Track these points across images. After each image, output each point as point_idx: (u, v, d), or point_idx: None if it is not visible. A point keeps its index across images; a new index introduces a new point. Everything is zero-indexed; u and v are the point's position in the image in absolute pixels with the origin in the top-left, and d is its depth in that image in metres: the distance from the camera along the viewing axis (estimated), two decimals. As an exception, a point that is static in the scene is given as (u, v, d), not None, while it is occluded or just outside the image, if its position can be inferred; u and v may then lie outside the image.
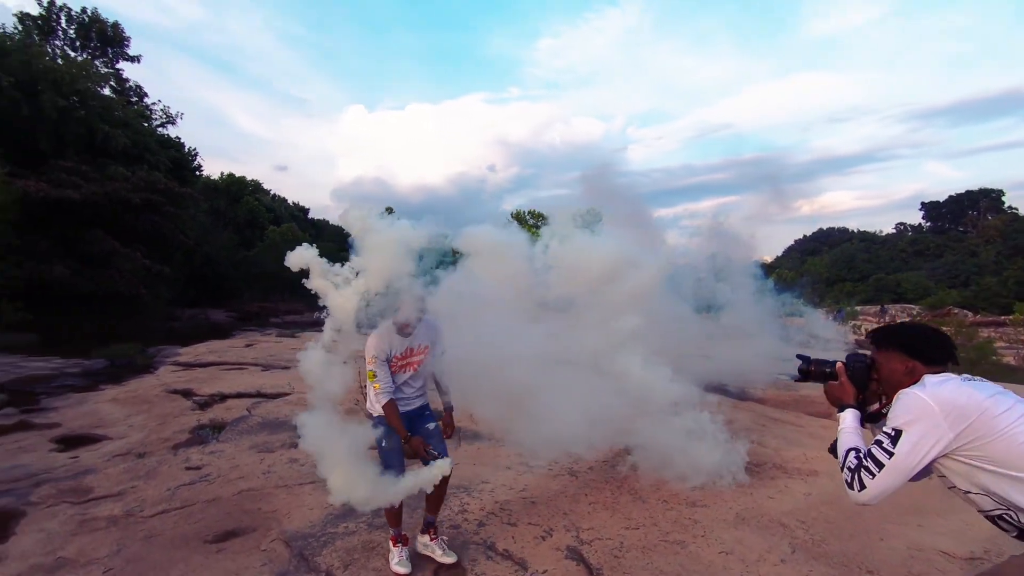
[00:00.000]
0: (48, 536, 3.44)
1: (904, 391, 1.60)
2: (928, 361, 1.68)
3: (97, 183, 22.86)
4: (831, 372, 1.87)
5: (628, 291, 4.88)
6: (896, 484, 1.55)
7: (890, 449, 1.54)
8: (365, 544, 3.31)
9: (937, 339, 1.74)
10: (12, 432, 6.15)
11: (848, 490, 1.60)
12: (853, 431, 1.73)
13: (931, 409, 1.53)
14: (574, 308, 5.05)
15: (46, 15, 29.56)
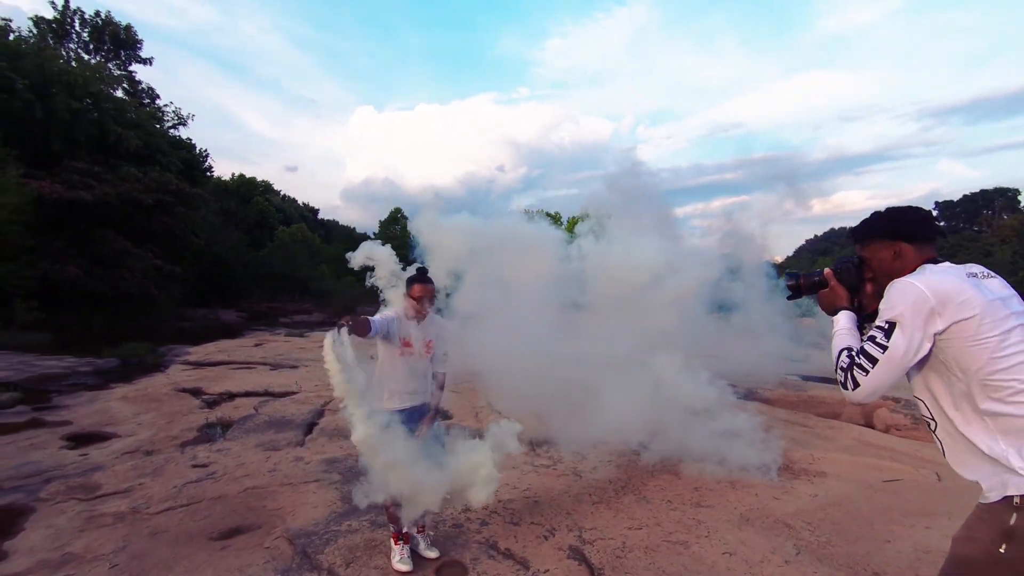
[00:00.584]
0: (56, 532, 3.47)
1: (897, 280, 1.52)
2: (912, 238, 1.60)
3: (109, 184, 23.13)
4: (820, 280, 1.80)
5: (669, 296, 4.97)
6: (890, 379, 1.48)
7: (883, 343, 1.47)
8: (368, 542, 3.31)
9: (915, 214, 1.65)
10: (24, 429, 6.23)
11: (842, 390, 1.54)
12: (847, 332, 1.66)
13: (925, 298, 1.44)
14: (608, 309, 5.08)
15: (60, 18, 29.97)
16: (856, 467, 4.67)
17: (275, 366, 11.09)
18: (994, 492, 1.42)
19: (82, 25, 30.74)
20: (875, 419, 7.18)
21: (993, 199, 63.01)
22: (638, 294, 4.93)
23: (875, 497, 4.05)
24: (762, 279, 10.68)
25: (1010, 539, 1.36)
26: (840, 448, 5.24)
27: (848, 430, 6.01)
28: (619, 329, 5.06)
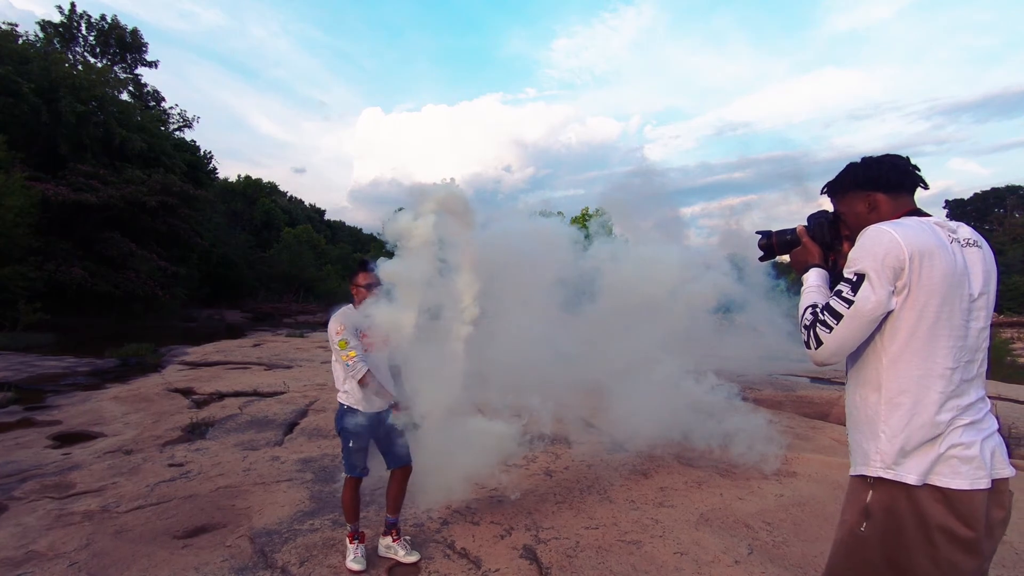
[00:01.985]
0: (23, 530, 3.54)
1: (870, 227, 1.40)
2: (888, 187, 1.49)
3: (114, 186, 23.41)
4: (792, 239, 1.69)
5: (686, 306, 5.08)
6: (856, 337, 1.37)
7: (849, 297, 1.36)
8: (326, 541, 3.34)
9: (890, 160, 1.52)
10: (13, 429, 6.33)
11: (806, 349, 1.44)
12: (815, 289, 1.55)
13: (898, 247, 1.32)
14: (625, 317, 5.16)
15: (67, 23, 30.38)
16: (828, 467, 4.65)
17: (270, 366, 11.18)
18: (856, 466, 1.43)
19: (88, 29, 31.15)
20: (861, 419, 7.13)
21: (1005, 197, 62.23)
22: (656, 304, 5.06)
23: (842, 497, 4.01)
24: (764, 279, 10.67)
25: (868, 517, 1.37)
26: (816, 448, 5.22)
27: (829, 430, 5.98)
28: (633, 333, 5.19)
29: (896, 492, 1.33)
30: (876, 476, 1.36)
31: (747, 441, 4.84)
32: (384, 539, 3.19)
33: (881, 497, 1.35)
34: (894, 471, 1.33)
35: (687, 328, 5.36)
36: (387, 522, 3.20)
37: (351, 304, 3.21)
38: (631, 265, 5.05)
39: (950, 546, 1.30)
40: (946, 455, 1.31)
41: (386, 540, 3.18)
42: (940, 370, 1.33)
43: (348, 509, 3.13)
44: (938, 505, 1.30)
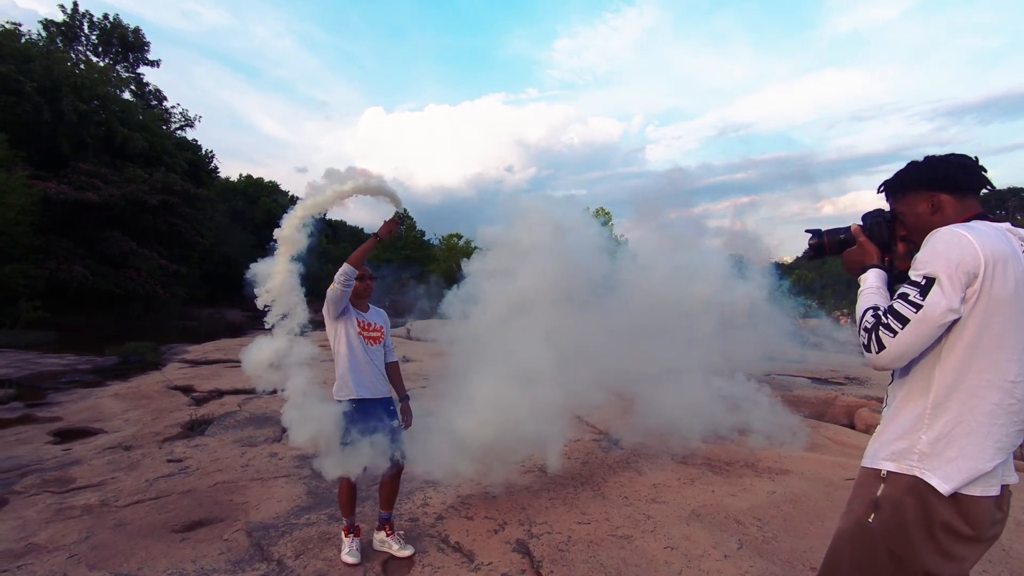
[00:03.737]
0: (23, 523, 3.58)
1: (942, 229, 1.34)
2: (955, 188, 1.43)
3: (116, 185, 23.47)
4: (846, 238, 1.62)
5: (719, 316, 5.37)
6: (921, 343, 1.32)
7: (917, 301, 1.30)
8: (322, 535, 3.39)
9: (957, 160, 1.45)
10: (14, 425, 6.39)
11: (865, 353, 1.39)
12: (875, 291, 1.49)
13: (974, 253, 1.27)
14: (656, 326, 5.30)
15: (70, 22, 30.45)
16: (821, 465, 4.68)
17: (269, 364, 11.21)
18: (872, 459, 1.46)
19: (91, 28, 31.24)
20: (856, 419, 7.17)
21: (1007, 199, 62.11)
22: (690, 314, 5.24)
23: (833, 494, 4.06)
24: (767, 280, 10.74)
25: (876, 510, 1.41)
26: (810, 446, 5.25)
27: (823, 429, 6.02)
28: (662, 341, 5.36)
29: (908, 488, 1.37)
30: (891, 471, 1.39)
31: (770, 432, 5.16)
32: (378, 534, 3.23)
33: (892, 491, 1.39)
34: (919, 469, 1.35)
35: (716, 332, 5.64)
36: (380, 517, 3.25)
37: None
38: (666, 274, 5.19)
39: (950, 540, 1.34)
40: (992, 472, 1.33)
41: (380, 535, 3.22)
42: (999, 382, 1.31)
43: (344, 504, 3.17)
44: (947, 506, 1.33)
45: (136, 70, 33.21)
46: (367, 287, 3.30)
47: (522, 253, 3.80)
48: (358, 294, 3.25)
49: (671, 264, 5.31)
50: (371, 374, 3.22)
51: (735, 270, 5.67)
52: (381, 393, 3.26)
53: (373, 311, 3.39)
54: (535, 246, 3.82)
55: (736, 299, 5.35)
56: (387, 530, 3.21)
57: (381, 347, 3.33)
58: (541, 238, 3.84)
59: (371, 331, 3.28)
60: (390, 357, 3.41)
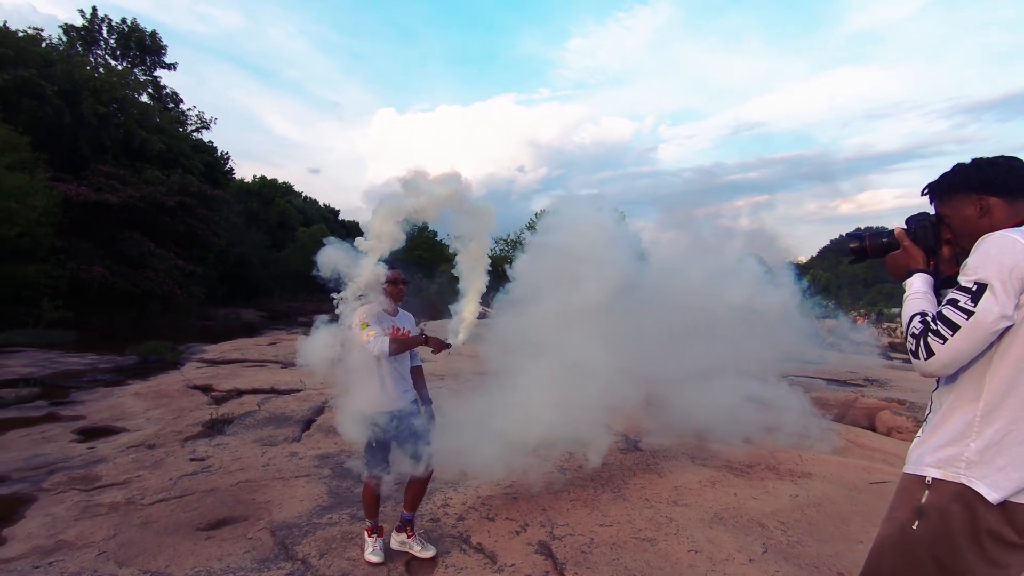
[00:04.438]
0: (53, 520, 3.65)
1: (995, 233, 1.32)
2: (1005, 191, 1.40)
3: (134, 187, 23.79)
4: (890, 241, 1.58)
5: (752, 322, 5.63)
6: (972, 350, 1.29)
7: (968, 307, 1.27)
8: (344, 535, 3.41)
9: (1006, 162, 1.42)
10: (40, 423, 6.51)
11: (913, 360, 1.37)
12: (922, 296, 1.45)
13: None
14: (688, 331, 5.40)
15: (89, 26, 30.93)
16: (844, 468, 4.63)
17: (286, 364, 11.30)
18: (917, 465, 1.43)
19: (109, 32, 31.69)
20: (877, 421, 7.07)
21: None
22: (722, 319, 5.39)
23: (858, 498, 4.01)
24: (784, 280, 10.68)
25: (921, 516, 1.39)
26: (832, 449, 5.19)
27: (844, 432, 5.94)
28: (692, 343, 5.39)
29: (954, 496, 1.34)
30: (937, 478, 1.37)
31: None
32: (398, 535, 3.20)
33: (937, 498, 1.36)
34: (966, 476, 1.33)
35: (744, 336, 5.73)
36: (402, 518, 3.21)
37: (378, 303, 3.19)
38: (699, 278, 5.23)
39: (997, 548, 1.32)
40: None
41: (400, 536, 3.19)
42: None
43: (368, 505, 3.18)
44: (995, 514, 1.31)
45: (153, 73, 33.63)
46: (400, 292, 3.24)
47: (576, 260, 3.88)
48: (391, 297, 3.20)
49: (703, 269, 5.35)
50: (395, 384, 3.16)
51: (767, 275, 5.69)
52: (407, 399, 3.22)
53: (402, 315, 3.32)
54: (589, 254, 3.93)
55: (768, 304, 5.36)
56: (408, 531, 3.18)
57: (407, 353, 3.27)
58: (595, 246, 3.94)
59: (399, 336, 3.20)
60: (415, 361, 3.38)
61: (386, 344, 2.94)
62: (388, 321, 3.16)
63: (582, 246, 3.91)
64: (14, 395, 7.77)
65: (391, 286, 3.17)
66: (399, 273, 3.22)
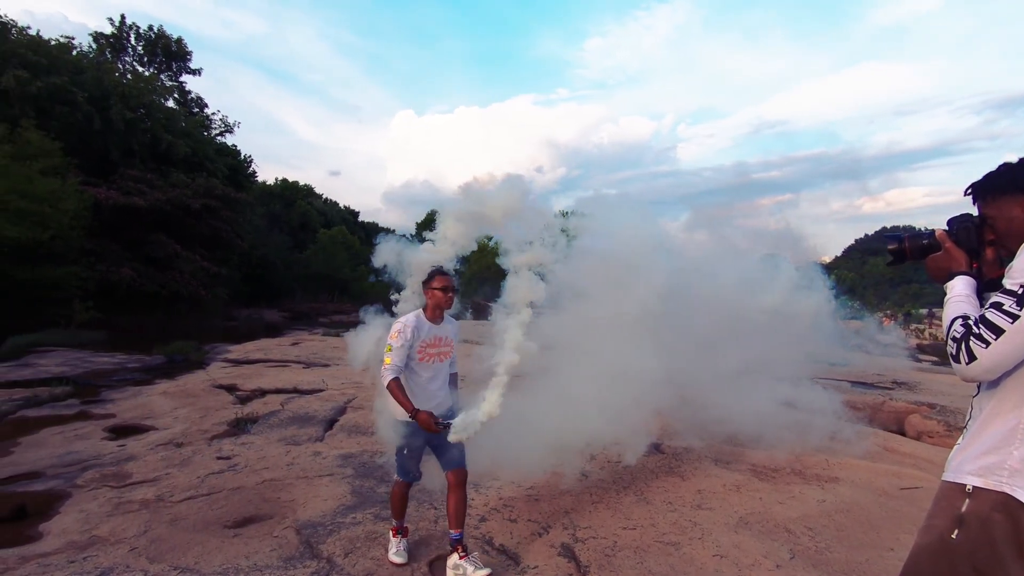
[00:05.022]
0: (86, 516, 3.74)
1: None
2: None
3: (161, 190, 24.32)
4: (930, 243, 1.55)
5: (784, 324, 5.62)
6: (1017, 354, 1.26)
7: (1014, 311, 1.24)
8: (368, 534, 3.44)
9: None
10: (72, 421, 6.69)
11: (954, 364, 1.34)
12: (964, 299, 1.42)
13: None
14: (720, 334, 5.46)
15: (117, 34, 31.73)
16: (873, 473, 4.54)
17: (308, 364, 11.47)
18: (956, 473, 1.40)
19: (137, 39, 32.44)
20: (907, 425, 6.91)
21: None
22: (757, 323, 5.44)
23: (888, 504, 3.93)
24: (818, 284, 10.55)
25: (961, 525, 1.36)
26: (860, 454, 5.08)
27: (873, 436, 5.81)
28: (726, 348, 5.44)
29: (996, 505, 1.31)
30: (978, 486, 1.34)
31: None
32: (451, 557, 2.96)
33: (979, 507, 1.34)
34: (1009, 485, 1.30)
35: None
36: (451, 539, 2.98)
37: (422, 309, 3.11)
38: (732, 282, 5.24)
39: None
40: None
41: (453, 558, 2.94)
42: None
43: (395, 507, 3.17)
44: None
45: (179, 79, 34.34)
46: (450, 300, 3.09)
47: (624, 266, 3.99)
48: (439, 305, 3.08)
49: (736, 272, 5.35)
50: (428, 396, 3.05)
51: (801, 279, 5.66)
52: (443, 408, 3.10)
53: (447, 321, 3.18)
54: (636, 260, 4.02)
55: (801, 309, 5.34)
56: (459, 551, 2.93)
57: (448, 362, 3.18)
58: (641, 253, 4.06)
59: (441, 346, 3.11)
60: (452, 368, 3.28)
61: (388, 380, 2.89)
62: (428, 331, 3.05)
63: (628, 252, 3.97)
64: (48, 393, 7.99)
65: (440, 292, 3.05)
66: (448, 279, 3.09)
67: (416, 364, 3.04)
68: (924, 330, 24.26)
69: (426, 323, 3.06)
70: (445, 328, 3.15)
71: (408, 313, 3.15)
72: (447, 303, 3.10)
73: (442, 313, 3.13)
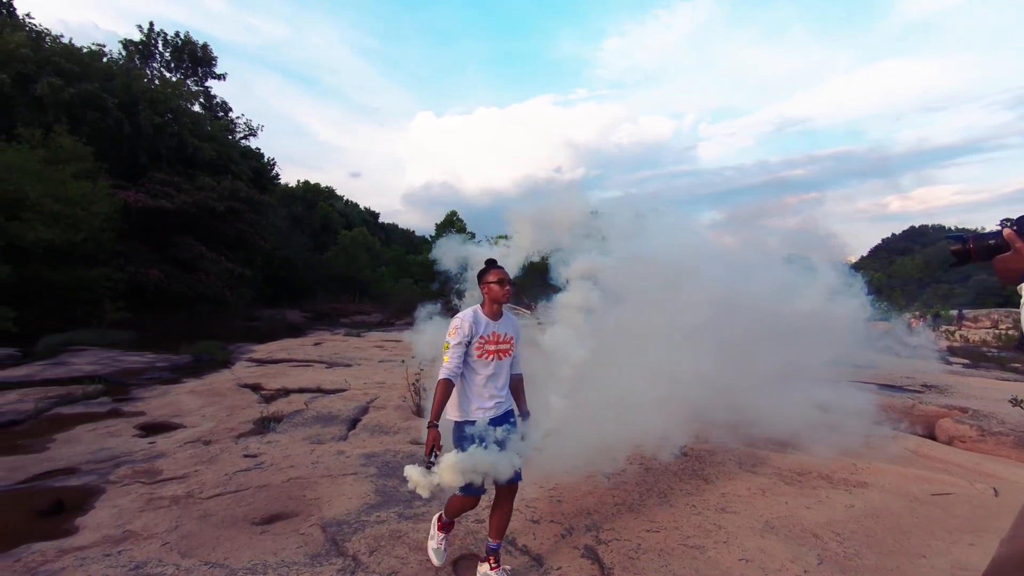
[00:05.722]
0: (120, 511, 3.85)
1: None
2: None
3: (187, 193, 24.84)
4: (997, 243, 1.50)
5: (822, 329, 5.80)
6: None
7: None
8: (392, 533, 3.47)
9: None
10: (105, 419, 6.87)
11: None
12: None
13: None
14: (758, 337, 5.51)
15: (146, 40, 32.52)
16: (903, 479, 4.44)
17: (330, 364, 11.62)
18: None
19: (164, 46, 33.20)
20: (937, 429, 6.73)
21: (1101, 191, 57.03)
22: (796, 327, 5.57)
23: (919, 510, 3.84)
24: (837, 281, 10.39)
25: None
26: (889, 458, 4.98)
27: (903, 440, 5.68)
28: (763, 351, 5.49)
29: None
30: None
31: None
32: (482, 566, 2.94)
33: None
34: None
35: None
36: (488, 547, 2.94)
37: (479, 305, 2.98)
38: (773, 287, 5.25)
39: None
40: None
41: (483, 567, 2.92)
42: None
43: (450, 509, 2.97)
44: None
45: (204, 83, 35.06)
46: (507, 293, 2.95)
47: (675, 272, 4.17)
48: (496, 299, 2.93)
49: (776, 277, 5.37)
50: (488, 396, 2.90)
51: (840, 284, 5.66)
52: (502, 409, 2.94)
53: (505, 318, 3.01)
54: (688, 268, 4.20)
55: (840, 315, 5.33)
56: (492, 561, 2.89)
57: (508, 360, 2.98)
58: (694, 260, 4.27)
59: (499, 343, 2.93)
60: (515, 369, 3.07)
61: (439, 378, 2.76)
62: (487, 327, 2.91)
63: (679, 258, 4.02)
64: (81, 392, 8.22)
65: (497, 286, 2.91)
66: (504, 272, 2.96)
67: (474, 361, 2.87)
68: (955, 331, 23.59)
69: (484, 318, 2.91)
70: (504, 324, 2.98)
71: (468, 310, 2.98)
72: (504, 296, 2.95)
73: (500, 309, 2.98)
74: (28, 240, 16.23)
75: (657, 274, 4.03)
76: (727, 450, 5.02)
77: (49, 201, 16.73)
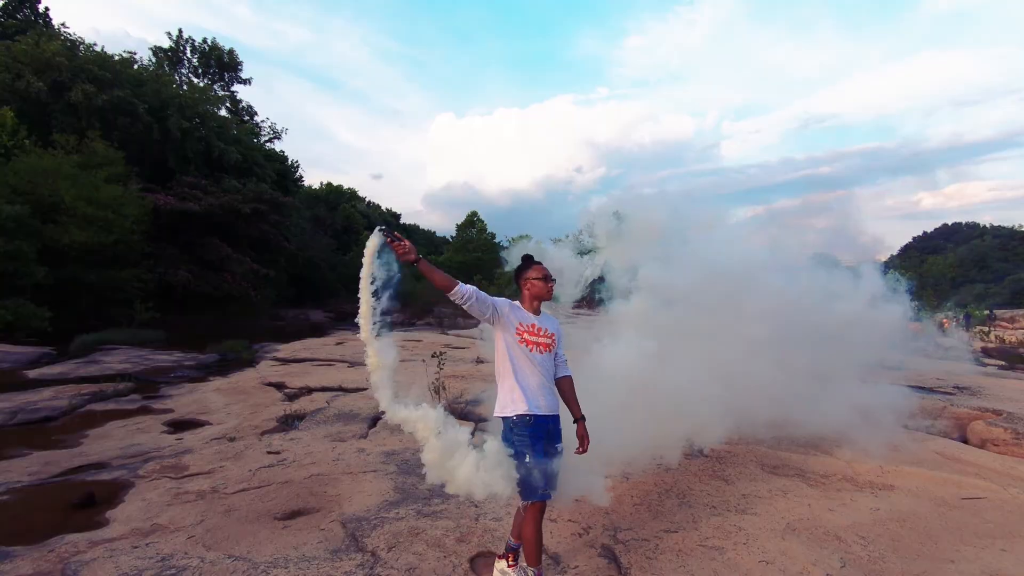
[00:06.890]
0: (148, 505, 3.96)
1: None
2: None
3: (214, 195, 25.45)
4: None
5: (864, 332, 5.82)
6: None
7: None
8: (411, 530, 3.51)
9: None
10: (135, 415, 7.07)
11: None
12: None
13: None
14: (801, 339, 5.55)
15: (175, 47, 33.38)
16: (932, 482, 4.32)
17: (352, 363, 11.74)
18: None
19: (192, 52, 34.06)
20: (969, 432, 6.54)
21: None
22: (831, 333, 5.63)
23: (948, 515, 3.74)
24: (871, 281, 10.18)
25: None
26: (917, 461, 4.85)
27: (931, 443, 5.53)
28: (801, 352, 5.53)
29: None
30: None
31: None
32: (499, 562, 2.89)
33: None
34: None
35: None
36: (508, 545, 2.89)
37: (517, 301, 2.87)
38: (811, 294, 5.32)
39: None
40: None
41: (501, 564, 2.87)
42: None
43: (531, 546, 2.69)
44: None
45: (230, 88, 35.90)
46: (550, 289, 2.85)
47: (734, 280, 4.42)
48: (538, 295, 2.83)
49: (817, 280, 5.37)
50: (533, 393, 2.71)
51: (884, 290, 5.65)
52: (550, 409, 2.76)
53: (545, 316, 2.89)
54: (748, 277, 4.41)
55: (881, 320, 5.33)
56: (509, 559, 2.84)
57: (551, 356, 2.82)
58: (751, 270, 4.48)
59: (539, 336, 2.76)
60: (562, 371, 2.90)
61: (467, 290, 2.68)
62: (526, 316, 2.79)
63: (740, 268, 4.10)
64: (112, 389, 8.46)
65: (540, 282, 2.80)
66: (546, 268, 2.85)
67: (515, 346, 2.71)
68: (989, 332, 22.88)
69: (522, 309, 2.82)
70: (544, 321, 2.85)
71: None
72: (547, 293, 2.84)
73: (539, 306, 2.86)
74: (63, 243, 16.78)
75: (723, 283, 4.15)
76: (748, 451, 4.95)
77: (83, 204, 17.28)
